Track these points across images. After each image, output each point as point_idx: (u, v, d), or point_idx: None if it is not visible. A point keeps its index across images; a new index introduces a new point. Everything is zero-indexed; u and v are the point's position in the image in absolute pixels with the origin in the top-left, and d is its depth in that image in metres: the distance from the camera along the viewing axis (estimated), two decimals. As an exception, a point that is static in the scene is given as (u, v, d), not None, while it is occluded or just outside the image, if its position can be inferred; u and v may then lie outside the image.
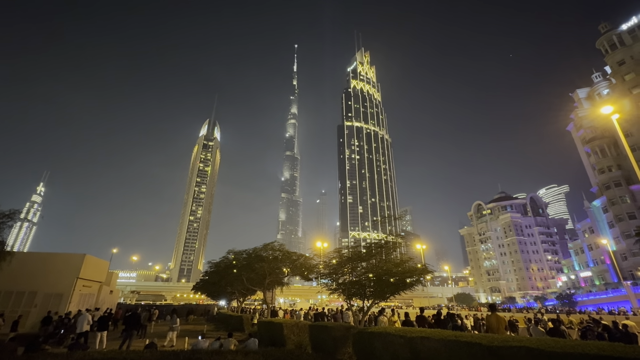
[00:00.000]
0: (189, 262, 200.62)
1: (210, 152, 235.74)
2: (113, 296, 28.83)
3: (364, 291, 10.22)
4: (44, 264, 20.27)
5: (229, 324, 19.66)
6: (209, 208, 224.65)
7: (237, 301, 28.03)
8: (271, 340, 10.50)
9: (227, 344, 9.19)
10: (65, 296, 19.82)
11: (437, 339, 5.63)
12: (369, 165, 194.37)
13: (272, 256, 18.28)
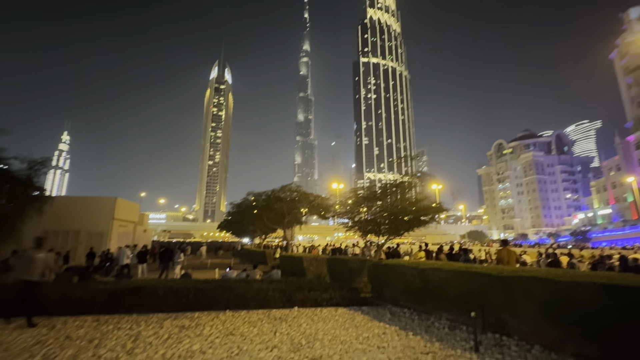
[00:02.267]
0: (212, 203, 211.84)
1: (223, 96, 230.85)
2: (147, 234, 31.59)
3: (379, 228, 10.65)
4: (81, 206, 21.99)
5: (253, 258, 21.43)
6: (226, 152, 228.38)
7: (260, 238, 30.12)
8: (292, 272, 11.45)
9: (253, 274, 10.13)
10: (105, 235, 21.86)
11: (448, 269, 5.96)
12: (386, 105, 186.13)
13: (289, 197, 18.98)
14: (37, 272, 5.56)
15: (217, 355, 4.07)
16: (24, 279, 5.44)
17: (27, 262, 5.59)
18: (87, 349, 4.30)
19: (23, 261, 5.64)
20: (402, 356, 4.08)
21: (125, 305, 6.38)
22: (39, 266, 5.59)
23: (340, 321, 5.84)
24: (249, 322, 5.69)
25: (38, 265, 5.58)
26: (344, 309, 6.82)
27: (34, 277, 5.51)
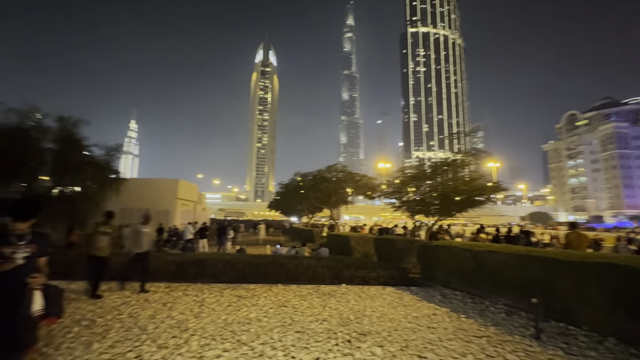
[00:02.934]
0: (261, 184, 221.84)
1: (268, 79, 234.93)
2: (206, 213, 34.45)
3: (428, 209, 10.27)
4: (150, 187, 24.57)
5: (301, 236, 22.27)
6: (273, 134, 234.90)
7: (307, 217, 31.05)
8: (339, 251, 11.68)
9: (301, 251, 10.56)
10: (170, 212, 24.32)
11: (506, 252, 5.58)
12: (437, 78, 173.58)
13: (335, 177, 19.09)
14: (145, 244, 6.20)
15: (271, 324, 4.38)
16: (134, 251, 6.12)
17: (135, 236, 6.18)
18: (162, 310, 4.93)
19: (132, 235, 6.24)
20: (453, 338, 3.99)
21: (190, 275, 7.13)
22: (146, 239, 6.22)
23: (388, 300, 5.87)
24: (300, 296, 5.99)
25: (145, 239, 6.21)
26: (392, 288, 6.83)
27: (142, 249, 6.15)
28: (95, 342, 3.66)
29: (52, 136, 15.07)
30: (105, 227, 5.93)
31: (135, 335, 3.91)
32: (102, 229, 5.86)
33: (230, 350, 3.49)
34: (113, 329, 4.10)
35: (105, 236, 5.83)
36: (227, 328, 4.20)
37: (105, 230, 5.89)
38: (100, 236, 5.78)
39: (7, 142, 13.54)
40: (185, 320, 4.48)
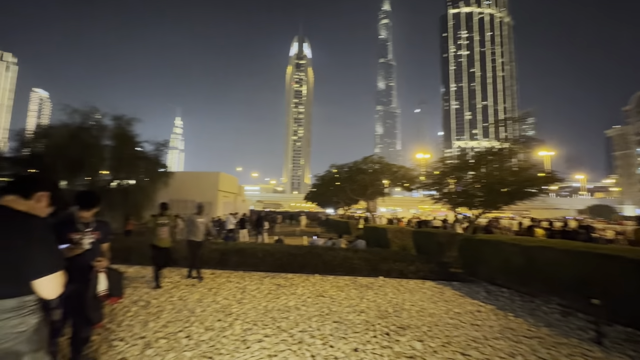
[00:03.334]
0: (297, 176, 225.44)
1: (303, 71, 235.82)
2: (245, 204, 35.93)
3: (472, 201, 9.71)
4: (194, 180, 26.12)
5: (337, 228, 22.36)
6: (308, 127, 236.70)
7: (343, 209, 31.05)
8: (376, 243, 11.53)
9: (338, 243, 10.60)
10: (213, 204, 25.71)
11: (561, 249, 5.11)
12: (481, 61, 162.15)
13: (371, 169, 18.78)
14: (200, 234, 6.40)
15: (310, 313, 4.47)
16: (189, 240, 6.33)
17: (191, 226, 6.39)
18: (208, 295, 5.25)
19: (188, 225, 6.45)
20: (500, 337, 3.77)
21: (232, 263, 7.49)
22: (201, 229, 6.43)
23: (428, 294, 5.70)
24: (337, 287, 6.03)
25: (200, 228, 6.42)
26: (432, 283, 6.61)
27: (198, 238, 6.36)
28: (151, 322, 4.01)
29: (110, 134, 16.52)
30: (163, 218, 6.02)
31: (185, 316, 4.21)
32: (160, 221, 5.95)
33: (271, 336, 3.62)
34: (165, 310, 4.45)
35: (164, 227, 5.91)
36: (267, 314, 4.36)
37: (164, 221, 5.97)
38: (160, 228, 5.88)
39: (73, 141, 15.11)
40: (229, 305, 4.72)
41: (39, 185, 1.46)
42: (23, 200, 1.39)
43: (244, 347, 3.34)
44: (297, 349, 3.32)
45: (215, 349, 3.27)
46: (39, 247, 1.27)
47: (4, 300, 1.18)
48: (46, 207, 1.47)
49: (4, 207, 1.34)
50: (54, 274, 1.29)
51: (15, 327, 1.19)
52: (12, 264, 1.21)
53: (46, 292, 1.28)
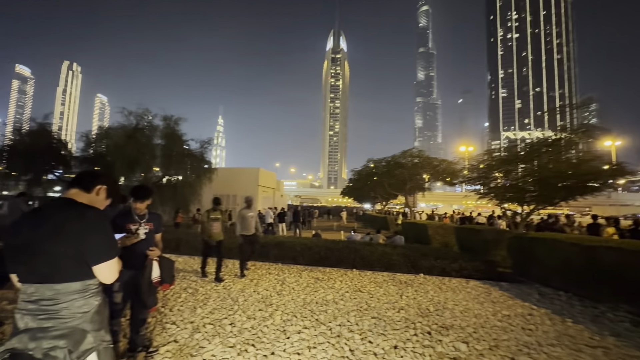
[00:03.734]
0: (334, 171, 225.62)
1: (339, 65, 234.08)
2: (283, 199, 36.81)
3: (523, 196, 8.96)
4: (235, 175, 27.33)
5: (375, 223, 22.05)
6: (344, 121, 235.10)
7: (381, 204, 30.51)
8: (416, 239, 11.19)
9: (376, 238, 10.44)
10: (253, 198, 26.72)
11: (632, 250, 4.54)
12: (534, 44, 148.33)
13: (411, 163, 18.17)
14: (251, 228, 6.40)
15: (347, 307, 4.46)
16: (242, 234, 6.33)
17: (242, 220, 6.36)
18: (250, 286, 5.47)
19: (239, 219, 6.40)
20: (556, 343, 3.46)
21: (272, 256, 7.73)
22: (252, 222, 6.43)
23: (472, 294, 5.40)
24: (375, 282, 5.95)
25: (251, 222, 6.41)
26: (477, 282, 6.25)
27: (249, 232, 6.38)
28: (198, 308, 4.27)
29: (160, 133, 17.80)
30: (215, 213, 6.03)
31: (229, 305, 4.43)
32: (213, 216, 5.98)
33: (310, 328, 3.68)
34: (211, 298, 4.72)
35: (216, 222, 5.95)
36: (306, 307, 4.43)
37: (216, 216, 5.99)
38: (213, 222, 5.93)
39: (129, 140, 16.51)
40: (269, 297, 4.88)
41: (98, 179, 1.60)
42: (84, 193, 1.54)
43: (284, 337, 3.43)
44: (336, 342, 3.34)
45: (257, 337, 3.40)
46: (97, 236, 1.40)
47: (69, 283, 1.33)
48: (104, 199, 1.62)
49: (68, 199, 1.49)
50: (110, 261, 1.42)
51: (80, 307, 1.33)
52: (75, 251, 1.34)
53: (104, 277, 1.42)
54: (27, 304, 1.30)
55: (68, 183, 1.57)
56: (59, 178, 18.92)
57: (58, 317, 1.28)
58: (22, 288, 1.33)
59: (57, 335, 1.25)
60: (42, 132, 18.11)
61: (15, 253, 1.35)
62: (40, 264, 1.30)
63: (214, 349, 3.10)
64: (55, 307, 1.28)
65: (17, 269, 1.35)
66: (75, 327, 1.29)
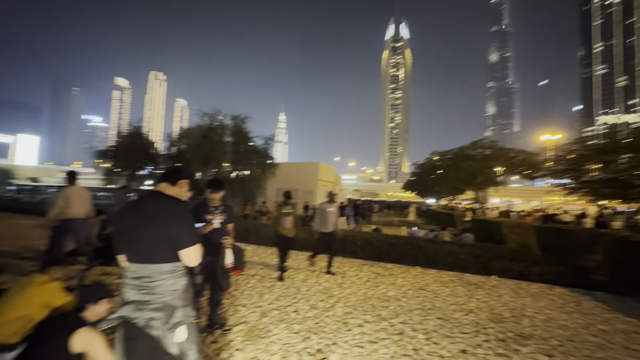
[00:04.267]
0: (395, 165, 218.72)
1: (400, 54, 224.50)
2: (343, 193, 37.07)
3: (627, 191, 7.53)
4: (297, 170, 28.31)
5: (439, 219, 20.81)
6: (406, 113, 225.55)
7: (446, 199, 28.68)
8: (487, 238, 10.24)
9: (441, 235, 9.86)
10: (313, 192, 27.41)
11: None
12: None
13: (481, 155, 16.64)
14: (331, 224, 5.95)
15: (410, 305, 4.32)
16: (320, 231, 5.97)
17: (322, 215, 5.96)
18: (312, 277, 5.66)
19: (319, 215, 6.01)
20: (674, 370, 2.86)
21: (333, 249, 7.84)
22: (331, 219, 5.95)
23: (557, 302, 4.76)
24: (440, 282, 5.64)
25: (331, 218, 5.94)
26: (563, 289, 5.49)
27: (329, 229, 5.92)
28: (265, 294, 4.58)
29: (229, 131, 19.33)
30: (287, 207, 5.67)
31: (293, 293, 4.65)
32: (284, 210, 5.63)
33: (371, 323, 3.66)
34: (277, 286, 5.01)
35: (288, 217, 5.60)
36: (367, 301, 4.42)
37: (287, 210, 5.63)
38: (285, 217, 5.58)
39: (204, 139, 18.28)
40: (331, 288, 4.99)
41: (181, 174, 1.83)
42: (171, 187, 1.77)
43: (345, 329, 3.47)
44: (398, 339, 3.27)
45: (320, 326, 3.51)
46: (181, 224, 1.60)
47: (162, 265, 1.55)
48: (186, 192, 1.85)
49: (158, 192, 1.73)
50: (193, 247, 1.61)
51: (170, 286, 1.54)
52: (165, 237, 1.56)
53: (188, 260, 1.62)
54: (131, 280, 1.55)
55: (158, 178, 1.81)
56: (149, 173, 21.91)
57: (154, 293, 1.50)
58: (127, 266, 1.59)
59: (154, 308, 1.48)
60: (137, 135, 21.15)
61: (120, 238, 1.63)
62: (140, 247, 1.54)
63: (280, 333, 3.30)
64: (152, 284, 1.51)
65: (123, 251, 1.62)
66: (167, 302, 1.51)
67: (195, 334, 1.60)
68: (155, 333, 1.45)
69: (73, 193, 5.02)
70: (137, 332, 1.47)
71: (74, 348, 1.88)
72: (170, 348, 1.45)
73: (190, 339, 1.54)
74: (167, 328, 1.46)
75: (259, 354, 2.86)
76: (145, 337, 1.47)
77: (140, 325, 1.45)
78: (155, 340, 1.46)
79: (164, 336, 1.46)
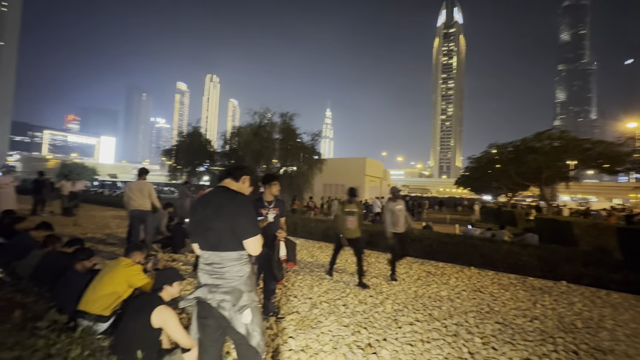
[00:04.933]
0: (447, 159, 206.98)
1: (453, 41, 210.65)
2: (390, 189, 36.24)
3: None
4: (343, 165, 28.30)
5: (497, 218, 19.27)
6: (459, 104, 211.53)
7: (505, 196, 26.40)
8: (554, 239, 9.24)
9: (499, 234, 9.13)
10: (360, 187, 27.17)
11: None
12: None
13: (548, 146, 14.96)
14: (401, 224, 5.37)
15: (465, 307, 4.11)
16: (392, 231, 5.30)
17: (392, 215, 5.31)
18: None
19: (388, 213, 5.32)
20: None
21: (381, 245, 7.73)
22: (401, 217, 5.36)
23: (646, 315, 4.14)
24: (499, 284, 5.26)
25: (400, 217, 5.35)
26: (654, 301, 4.75)
27: (399, 229, 5.36)
28: (315, 286, 4.71)
29: (278, 129, 20.00)
30: (351, 205, 5.00)
31: (342, 287, 4.71)
32: (348, 209, 4.97)
33: (422, 322, 3.56)
34: (326, 279, 5.11)
35: (352, 216, 4.95)
36: (417, 300, 4.31)
37: (352, 209, 4.97)
38: (348, 217, 4.94)
39: (255, 137, 19.16)
40: (379, 284, 4.95)
41: (244, 171, 1.99)
42: (234, 182, 1.93)
43: (396, 326, 3.43)
44: (452, 341, 3.14)
45: (369, 321, 3.52)
46: (244, 217, 1.75)
47: (229, 252, 1.71)
48: (248, 187, 2.01)
49: (224, 187, 1.89)
50: (255, 237, 1.75)
51: (237, 272, 1.70)
52: (230, 227, 1.71)
53: (251, 250, 1.76)
54: (205, 265, 1.74)
55: (223, 174, 1.98)
56: (206, 169, 23.66)
57: (224, 278, 1.68)
58: (200, 253, 1.79)
59: (225, 291, 1.65)
60: (195, 135, 22.94)
61: (194, 228, 1.82)
62: (210, 236, 1.72)
63: (330, 325, 3.38)
64: (221, 270, 1.68)
65: (197, 240, 1.82)
66: (235, 286, 1.67)
67: (259, 317, 1.75)
68: (225, 314, 1.63)
69: (135, 186, 5.67)
70: (209, 311, 1.66)
71: (154, 323, 2.15)
72: (239, 328, 1.61)
73: (254, 321, 1.69)
74: (236, 310, 1.62)
75: (311, 343, 2.96)
76: (217, 316, 1.66)
77: (213, 305, 1.64)
78: (226, 320, 1.63)
79: (233, 317, 1.63)
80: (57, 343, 2.07)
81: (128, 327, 2.18)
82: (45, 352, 1.96)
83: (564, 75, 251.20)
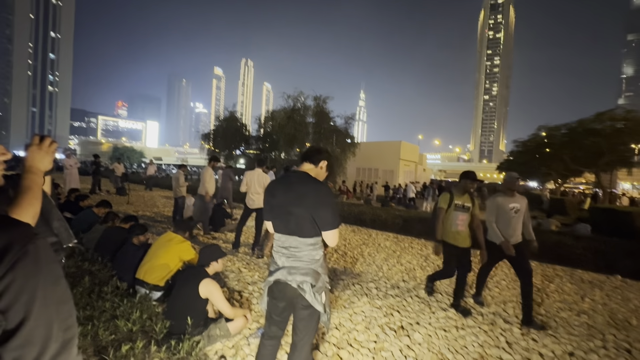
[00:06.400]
0: (489, 142, 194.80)
1: (501, 12, 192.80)
2: (426, 173, 35.01)
3: None
4: (377, 149, 27.75)
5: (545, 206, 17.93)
6: (505, 82, 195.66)
7: (555, 183, 24.43)
8: (611, 231, 8.46)
9: (546, 223, 8.57)
10: (395, 172, 26.59)
11: None
12: None
13: (611, 128, 13.45)
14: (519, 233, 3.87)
15: (505, 297, 3.97)
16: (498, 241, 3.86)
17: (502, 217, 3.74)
18: (393, 256, 5.65)
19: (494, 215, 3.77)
20: None
21: (415, 231, 7.63)
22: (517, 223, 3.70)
23: None
24: (543, 275, 4.98)
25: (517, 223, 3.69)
26: None
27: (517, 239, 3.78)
28: (348, 269, 4.79)
29: (311, 112, 19.96)
30: (463, 197, 3.54)
31: (374, 270, 4.76)
32: (459, 201, 3.50)
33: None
34: (358, 262, 5.18)
35: (463, 214, 3.49)
36: (452, 286, 4.20)
37: (464, 203, 3.51)
38: (459, 214, 3.49)
39: (289, 121, 19.29)
40: (412, 269, 4.91)
41: (322, 155, 1.90)
42: (313, 168, 1.86)
43: (429, 311, 3.42)
44: (489, 329, 3.07)
45: (402, 305, 3.54)
46: (326, 208, 1.69)
47: (307, 238, 1.72)
48: (325, 172, 1.92)
49: (305, 173, 1.81)
50: (334, 230, 1.73)
51: (314, 256, 1.74)
52: (311, 216, 1.69)
53: (330, 241, 1.76)
54: (281, 248, 1.78)
55: (302, 156, 1.94)
56: (242, 153, 24.45)
57: (302, 261, 1.73)
58: (276, 236, 1.82)
59: (304, 273, 1.71)
60: (232, 119, 23.62)
61: (273, 211, 1.81)
62: (290, 221, 1.73)
63: (363, 306, 3.45)
64: (299, 254, 1.73)
65: (274, 221, 1.82)
66: (312, 269, 1.73)
67: (328, 297, 1.82)
68: (305, 295, 1.67)
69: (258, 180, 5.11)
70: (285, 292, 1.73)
71: (201, 293, 2.35)
72: (317, 307, 1.69)
73: (327, 302, 1.78)
74: (314, 291, 1.70)
75: (344, 322, 3.06)
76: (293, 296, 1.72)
77: (294, 287, 1.69)
78: (305, 300, 1.69)
79: (313, 297, 1.69)
80: (120, 306, 2.35)
81: (179, 296, 2.41)
82: (111, 314, 2.24)
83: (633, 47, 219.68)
